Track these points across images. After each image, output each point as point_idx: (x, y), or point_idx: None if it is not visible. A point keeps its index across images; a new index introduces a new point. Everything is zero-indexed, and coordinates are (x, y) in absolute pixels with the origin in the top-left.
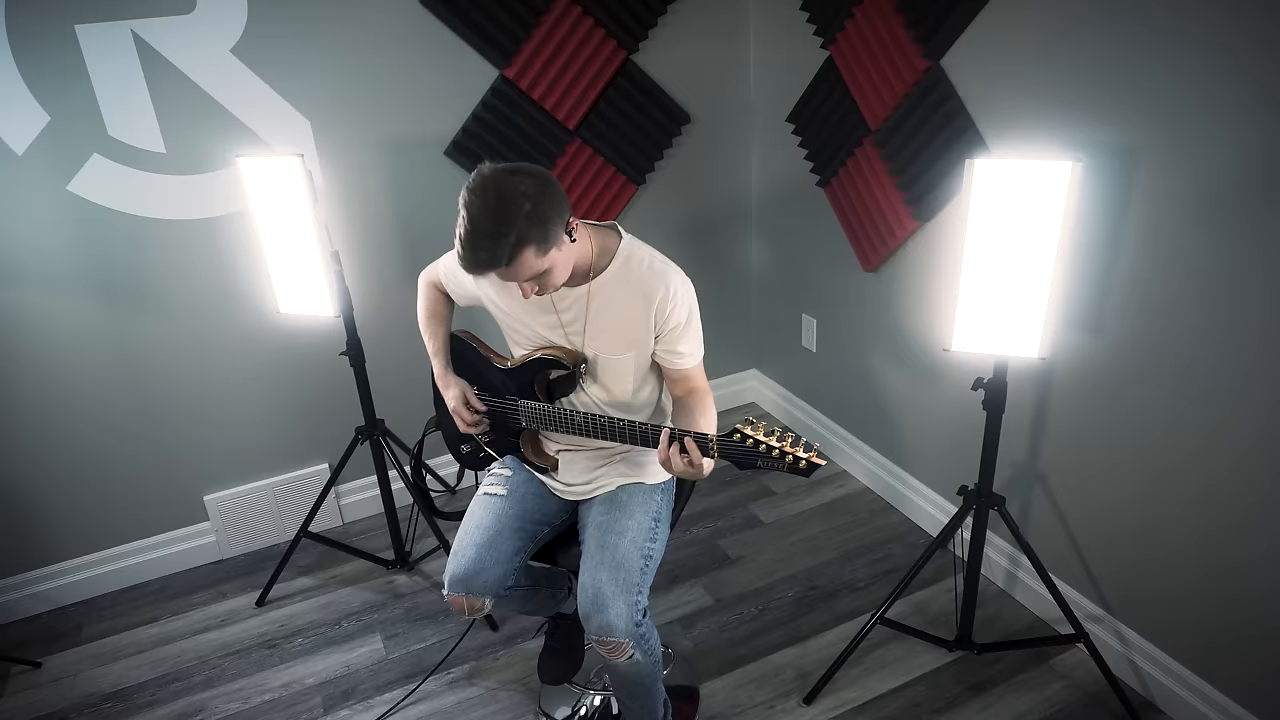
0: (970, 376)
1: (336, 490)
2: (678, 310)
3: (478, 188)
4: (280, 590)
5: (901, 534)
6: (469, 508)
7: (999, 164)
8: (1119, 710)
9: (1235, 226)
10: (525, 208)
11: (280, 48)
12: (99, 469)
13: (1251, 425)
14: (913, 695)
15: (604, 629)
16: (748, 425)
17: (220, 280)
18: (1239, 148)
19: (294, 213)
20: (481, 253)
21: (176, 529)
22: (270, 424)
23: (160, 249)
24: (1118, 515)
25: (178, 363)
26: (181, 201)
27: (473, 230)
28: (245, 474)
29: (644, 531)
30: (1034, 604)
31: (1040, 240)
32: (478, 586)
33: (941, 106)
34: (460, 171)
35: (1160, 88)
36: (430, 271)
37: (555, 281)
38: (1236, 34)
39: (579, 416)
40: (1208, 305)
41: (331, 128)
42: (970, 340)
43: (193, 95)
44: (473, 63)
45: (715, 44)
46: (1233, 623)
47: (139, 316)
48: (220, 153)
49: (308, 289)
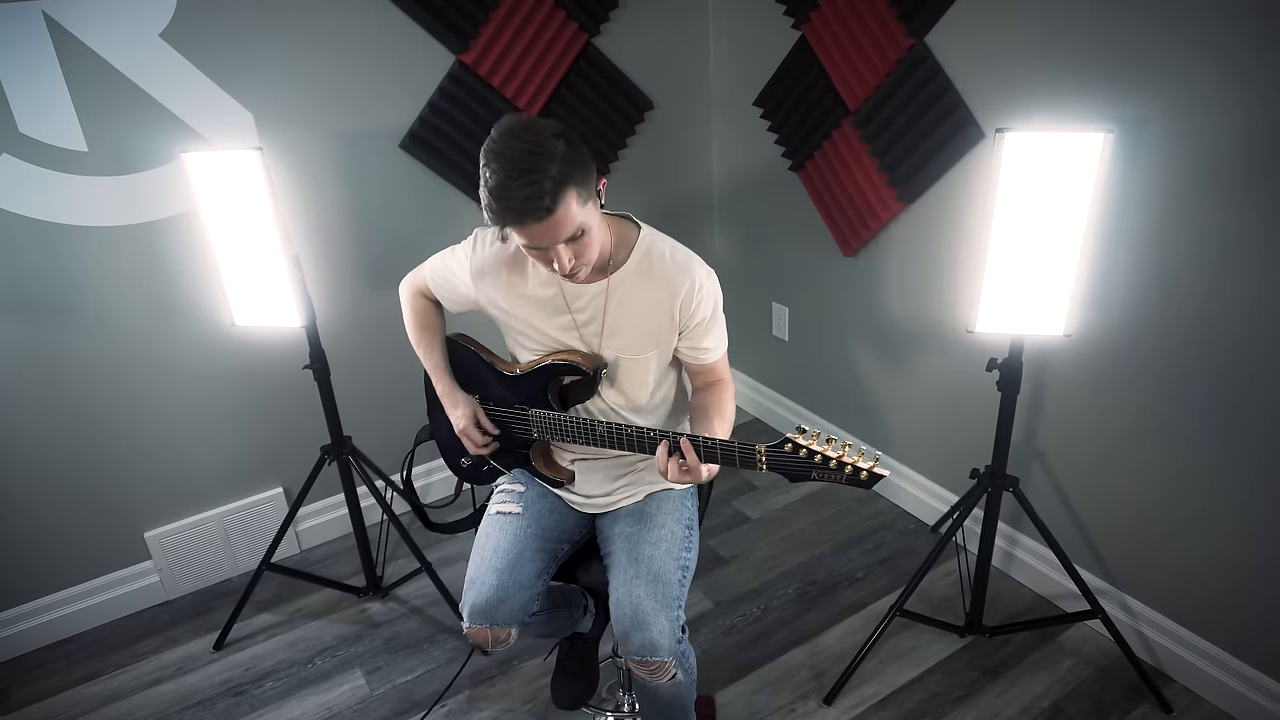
0: (959, 358)
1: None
2: (703, 305)
3: (507, 129)
4: (239, 630)
5: (891, 520)
6: (480, 530)
7: (1028, 137)
8: (1133, 681)
9: (1245, 198)
10: (560, 146)
11: (217, 32)
12: (19, 509)
13: (1260, 400)
14: (931, 685)
15: (647, 648)
16: (800, 434)
17: (157, 292)
18: (1247, 120)
19: (251, 214)
20: (522, 191)
21: (114, 571)
22: (217, 448)
23: (84, 259)
24: (1118, 489)
25: (110, 385)
26: (108, 206)
27: (510, 169)
28: (190, 505)
29: (678, 541)
30: (1033, 582)
31: (1069, 215)
32: (502, 616)
33: (927, 85)
34: (418, 165)
35: (1163, 59)
36: (414, 278)
37: (591, 254)
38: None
39: (601, 427)
40: (1214, 284)
41: (277, 121)
42: (993, 320)
43: (118, 86)
44: (428, 48)
45: (678, 26)
46: (1237, 586)
47: (61, 335)
48: (151, 150)
49: (266, 298)
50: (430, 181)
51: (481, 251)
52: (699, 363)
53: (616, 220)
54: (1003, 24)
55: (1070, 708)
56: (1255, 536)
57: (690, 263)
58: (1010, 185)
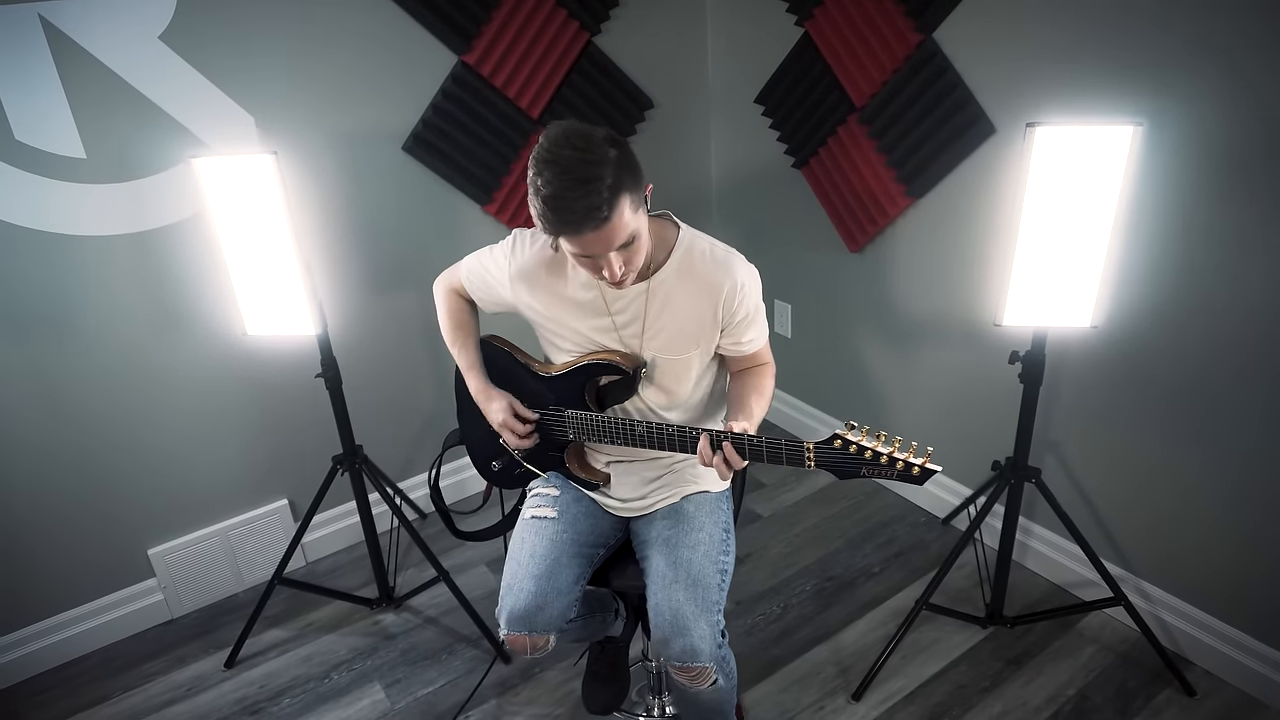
0: (967, 352)
1: (297, 528)
2: (746, 302)
3: (560, 136)
4: (249, 647)
5: (901, 514)
6: (516, 535)
7: (1060, 131)
8: (1154, 667)
9: (1255, 192)
10: (613, 153)
11: (217, 33)
12: (18, 529)
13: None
14: (957, 677)
15: (688, 654)
16: (849, 430)
17: (157, 302)
18: (1258, 115)
19: (264, 220)
20: (581, 202)
21: (117, 590)
22: (221, 461)
23: (82, 270)
24: (1134, 478)
25: (112, 399)
26: (107, 214)
27: (566, 178)
28: (194, 520)
29: (716, 544)
30: (1048, 571)
31: (1097, 207)
32: (541, 623)
33: (936, 81)
34: (421, 169)
35: (1179, 53)
36: (449, 276)
37: (639, 260)
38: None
39: (640, 427)
40: (1232, 274)
41: (278, 124)
42: (1020, 313)
43: (116, 90)
44: (430, 48)
45: (677, 25)
46: (1256, 569)
47: (59, 348)
48: (151, 156)
49: (279, 306)
50: (434, 184)
51: (522, 254)
52: (741, 354)
53: (656, 220)
54: (1012, 19)
55: (1095, 695)
56: (1276, 520)
57: (731, 260)
58: (1039, 179)
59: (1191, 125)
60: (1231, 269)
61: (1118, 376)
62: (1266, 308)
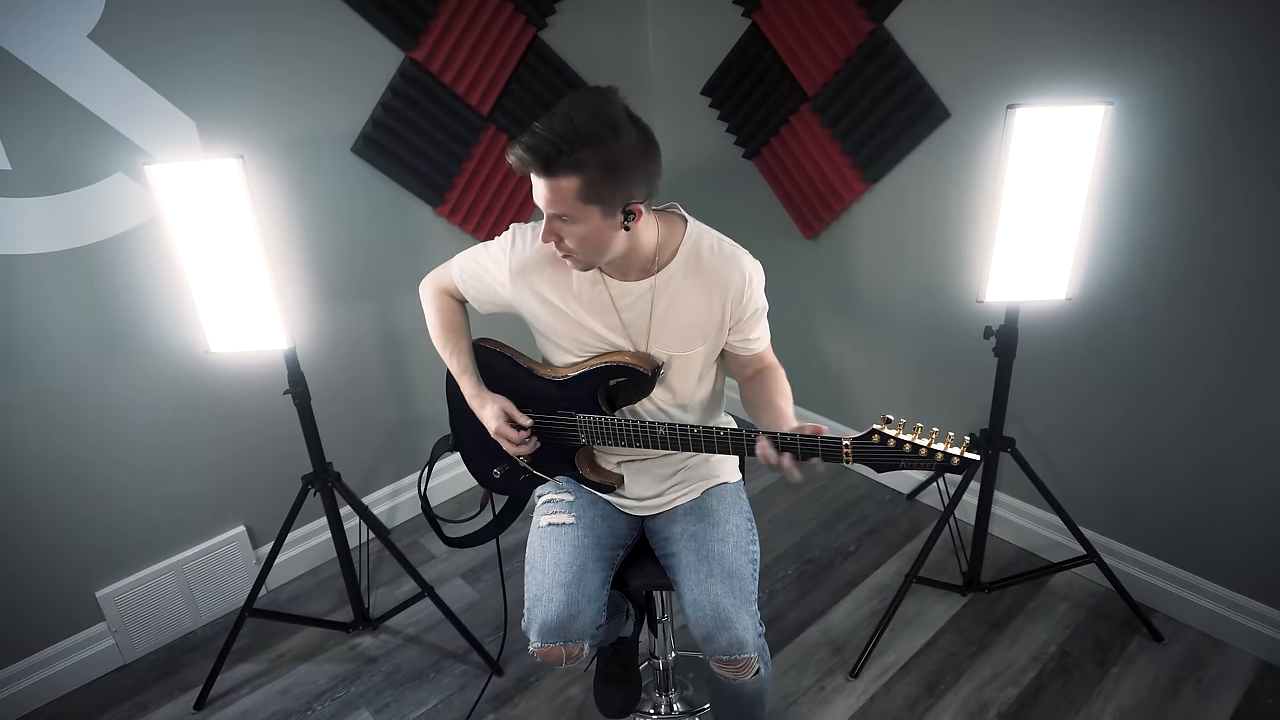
0: (928, 332)
1: (256, 555)
2: (754, 297)
3: (591, 91)
4: (218, 686)
5: (867, 493)
6: (535, 544)
7: (1038, 112)
8: (1123, 617)
9: (1196, 170)
10: (605, 149)
11: (152, 31)
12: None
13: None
14: (945, 645)
15: (735, 646)
16: (886, 425)
17: (94, 324)
18: (1207, 99)
19: (227, 230)
20: (538, 141)
21: (63, 639)
22: (171, 490)
23: (12, 292)
24: (1091, 439)
25: (48, 430)
26: (38, 230)
27: (549, 118)
28: (145, 556)
29: (744, 534)
30: (1012, 536)
31: (1071, 184)
32: (575, 631)
33: (890, 69)
34: (374, 172)
35: (1127, 37)
36: (437, 277)
37: (574, 249)
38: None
39: (661, 429)
40: (1167, 250)
41: (221, 128)
42: (1000, 289)
43: (43, 95)
44: (377, 45)
45: (618, 17)
46: (1203, 516)
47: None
48: (86, 165)
49: (243, 321)
50: (385, 187)
51: (523, 249)
52: (749, 352)
53: (665, 218)
54: (961, 7)
55: (1074, 649)
56: (1221, 471)
57: (738, 255)
58: (1019, 159)
59: (1140, 106)
60: (1191, 243)
61: (1072, 345)
62: (1216, 280)
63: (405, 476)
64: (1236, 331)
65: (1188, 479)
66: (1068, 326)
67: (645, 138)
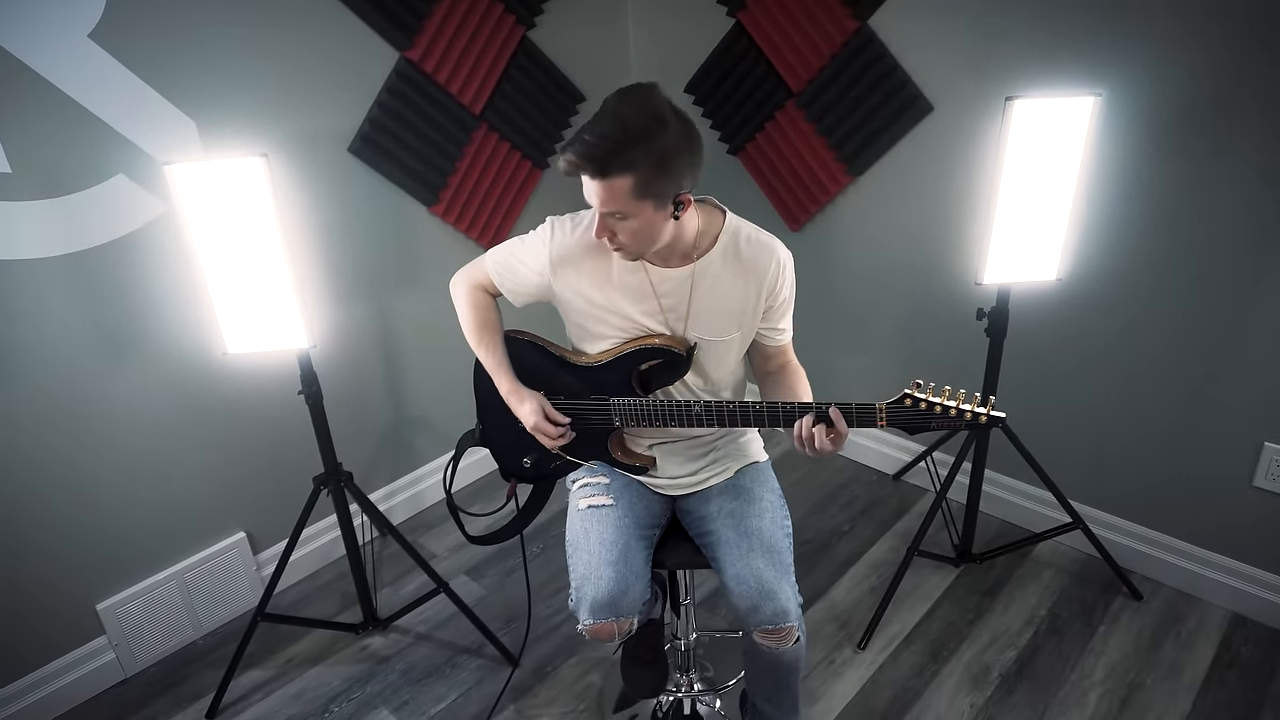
0: (912, 319)
1: (256, 561)
2: (786, 284)
3: (634, 89)
4: (227, 695)
5: (854, 475)
6: (576, 526)
7: (1034, 103)
8: (1104, 579)
9: (1177, 162)
10: (656, 144)
11: (152, 31)
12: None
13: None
14: (944, 614)
15: (779, 615)
16: (916, 389)
17: (99, 327)
18: (1178, 91)
19: (248, 229)
20: (589, 147)
21: (62, 655)
22: (172, 497)
23: (13, 298)
24: (1065, 412)
25: (48, 439)
26: (38, 234)
27: (597, 120)
28: (146, 564)
29: (778, 510)
30: (996, 509)
31: (1063, 171)
32: (625, 606)
33: (874, 66)
34: (369, 171)
35: (1105, 40)
36: (471, 273)
37: (627, 243)
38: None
39: (698, 406)
40: (1149, 232)
41: (220, 128)
42: (996, 271)
43: (43, 95)
44: (372, 44)
45: (600, 16)
46: (1171, 481)
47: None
48: (87, 167)
49: (260, 321)
50: (381, 187)
51: (562, 239)
52: (775, 344)
53: (704, 209)
54: (943, 6)
55: (1063, 611)
56: (1184, 438)
57: (773, 243)
58: (1016, 147)
59: (1117, 99)
60: (1170, 226)
61: (1050, 324)
62: (1193, 264)
63: (401, 477)
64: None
65: (1156, 450)
66: (1056, 308)
67: (688, 128)
